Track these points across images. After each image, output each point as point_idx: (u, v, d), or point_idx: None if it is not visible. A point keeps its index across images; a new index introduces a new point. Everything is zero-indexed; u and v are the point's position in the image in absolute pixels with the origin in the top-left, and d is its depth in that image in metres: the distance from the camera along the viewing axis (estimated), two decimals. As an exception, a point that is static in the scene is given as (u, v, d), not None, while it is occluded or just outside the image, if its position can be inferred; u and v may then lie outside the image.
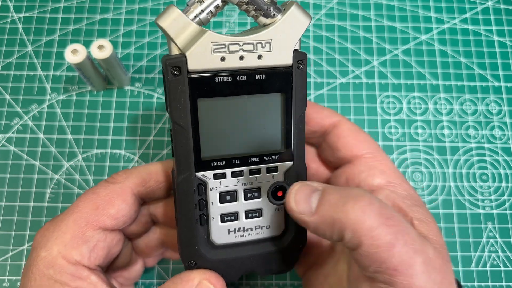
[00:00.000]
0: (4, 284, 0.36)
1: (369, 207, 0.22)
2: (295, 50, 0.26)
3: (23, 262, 0.37)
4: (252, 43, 0.25)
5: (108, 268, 0.31)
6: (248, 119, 0.27)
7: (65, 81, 0.42)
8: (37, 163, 0.40)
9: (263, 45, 0.25)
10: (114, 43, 0.43)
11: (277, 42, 0.25)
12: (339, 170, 0.30)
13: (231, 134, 0.26)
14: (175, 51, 0.25)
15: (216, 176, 0.27)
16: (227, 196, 0.27)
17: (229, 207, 0.27)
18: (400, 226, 0.22)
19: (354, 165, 0.29)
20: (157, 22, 0.24)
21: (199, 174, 0.26)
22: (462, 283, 0.38)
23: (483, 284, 0.38)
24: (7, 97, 0.41)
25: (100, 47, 0.36)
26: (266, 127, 0.27)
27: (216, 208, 0.27)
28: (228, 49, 0.25)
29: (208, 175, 0.27)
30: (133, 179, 0.28)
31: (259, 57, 0.25)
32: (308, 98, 0.42)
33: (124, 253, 0.31)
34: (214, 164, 0.26)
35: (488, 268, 0.38)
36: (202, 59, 0.24)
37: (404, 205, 0.26)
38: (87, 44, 0.43)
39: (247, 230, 0.28)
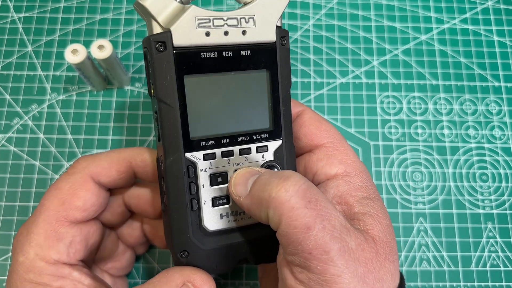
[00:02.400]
0: (4, 284, 0.36)
1: (293, 188, 0.22)
2: (277, 27, 0.26)
3: (23, 262, 0.37)
4: (236, 18, 0.25)
5: (96, 261, 0.31)
6: (236, 96, 0.26)
7: (65, 81, 0.42)
8: (37, 163, 0.40)
9: (247, 20, 0.26)
10: (114, 43, 0.43)
11: (260, 18, 0.26)
12: (298, 158, 0.30)
13: (219, 112, 0.26)
14: (157, 30, 0.25)
15: (206, 157, 0.26)
16: (218, 178, 0.26)
17: (220, 190, 0.27)
18: (323, 211, 0.22)
19: (314, 153, 0.28)
20: (138, 1, 0.24)
21: (188, 155, 0.25)
22: (462, 283, 0.38)
23: (483, 284, 0.38)
24: (7, 97, 0.41)
25: (100, 47, 0.36)
26: (254, 105, 0.27)
27: (207, 191, 0.26)
28: (213, 23, 0.25)
29: (197, 155, 0.26)
30: (93, 168, 0.27)
31: (243, 32, 0.26)
32: (308, 98, 0.42)
33: (108, 243, 0.31)
34: (204, 144, 0.26)
35: (488, 268, 0.38)
36: (187, 34, 0.24)
37: (352, 198, 0.26)
38: (87, 44, 0.43)
39: (240, 214, 0.27)
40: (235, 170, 0.26)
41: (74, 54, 0.36)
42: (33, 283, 0.25)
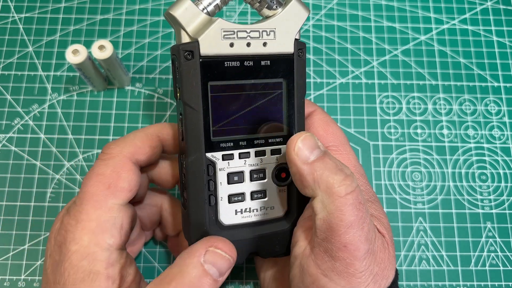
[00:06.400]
0: (5, 284, 0.37)
1: (351, 187, 0.25)
2: (295, 39, 0.28)
3: (24, 262, 0.37)
4: (258, 31, 0.27)
5: None
6: (255, 102, 0.28)
7: (65, 81, 0.42)
8: (38, 163, 0.40)
9: (268, 33, 0.27)
10: (115, 44, 0.43)
11: (280, 31, 0.28)
12: None
13: (239, 116, 0.28)
14: (185, 39, 0.26)
15: (224, 157, 0.28)
16: (234, 177, 0.28)
17: (236, 188, 0.29)
18: (366, 214, 0.25)
19: None
20: (169, 11, 0.26)
21: (208, 154, 0.27)
22: (462, 283, 0.38)
23: (482, 283, 0.38)
24: (8, 97, 0.42)
25: (101, 47, 0.36)
26: (271, 111, 0.29)
27: (224, 188, 0.28)
28: (237, 35, 0.27)
29: (217, 155, 0.28)
30: (128, 149, 0.28)
31: (264, 44, 0.27)
32: (308, 98, 0.42)
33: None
34: (223, 145, 0.28)
35: (487, 268, 0.38)
36: (213, 44, 0.26)
37: None
38: (87, 44, 0.43)
39: (253, 210, 0.29)
40: (251, 171, 0.29)
41: (75, 54, 0.36)
42: (86, 271, 0.25)
